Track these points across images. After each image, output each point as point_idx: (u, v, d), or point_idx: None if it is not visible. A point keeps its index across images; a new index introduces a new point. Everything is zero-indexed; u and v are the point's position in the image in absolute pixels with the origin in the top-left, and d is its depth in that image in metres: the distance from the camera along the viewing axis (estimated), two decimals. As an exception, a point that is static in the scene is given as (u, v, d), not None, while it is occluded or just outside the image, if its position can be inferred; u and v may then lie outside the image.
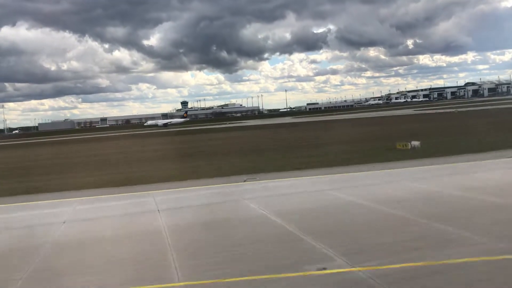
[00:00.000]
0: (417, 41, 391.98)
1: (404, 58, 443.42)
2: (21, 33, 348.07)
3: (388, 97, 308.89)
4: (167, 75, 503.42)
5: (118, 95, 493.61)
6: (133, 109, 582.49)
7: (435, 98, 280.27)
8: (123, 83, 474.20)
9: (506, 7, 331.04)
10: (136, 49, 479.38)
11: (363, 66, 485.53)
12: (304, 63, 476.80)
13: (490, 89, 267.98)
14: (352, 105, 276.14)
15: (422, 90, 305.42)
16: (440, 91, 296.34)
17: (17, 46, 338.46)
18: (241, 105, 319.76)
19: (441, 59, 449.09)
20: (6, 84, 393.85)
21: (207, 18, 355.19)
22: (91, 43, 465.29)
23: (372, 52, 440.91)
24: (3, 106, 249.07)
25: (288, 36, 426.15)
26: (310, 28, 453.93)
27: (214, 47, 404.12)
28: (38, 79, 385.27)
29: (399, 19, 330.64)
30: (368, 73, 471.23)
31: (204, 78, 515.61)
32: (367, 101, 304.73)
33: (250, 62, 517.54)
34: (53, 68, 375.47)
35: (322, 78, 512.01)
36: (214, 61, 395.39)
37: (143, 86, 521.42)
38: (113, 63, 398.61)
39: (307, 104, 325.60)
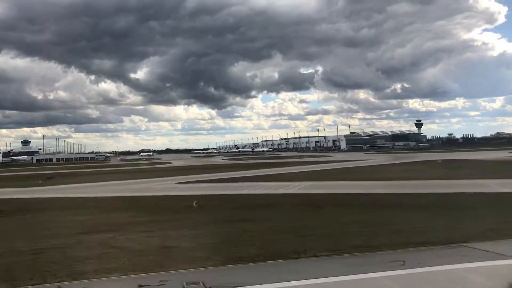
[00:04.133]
0: (405, 85, 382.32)
1: (394, 101, 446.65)
2: (6, 62, 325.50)
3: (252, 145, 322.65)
4: (159, 109, 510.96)
5: (111, 126, 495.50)
6: (128, 140, 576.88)
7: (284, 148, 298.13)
8: (114, 115, 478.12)
9: (493, 56, 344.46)
10: (123, 82, 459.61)
11: (354, 107, 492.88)
12: (294, 102, 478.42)
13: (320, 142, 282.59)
14: (93, 158, 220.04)
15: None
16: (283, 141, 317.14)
17: (4, 74, 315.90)
18: (39, 149, 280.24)
19: (430, 104, 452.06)
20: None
21: (193, 54, 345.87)
22: (77, 74, 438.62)
23: (362, 94, 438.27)
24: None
25: (276, 75, 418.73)
26: (297, 69, 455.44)
27: (201, 83, 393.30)
28: (27, 107, 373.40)
29: (385, 63, 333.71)
30: (360, 115, 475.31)
31: (196, 112, 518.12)
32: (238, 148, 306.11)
33: (238, 99, 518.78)
34: (40, 97, 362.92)
35: (315, 117, 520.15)
36: (202, 96, 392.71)
37: (135, 118, 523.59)
38: (100, 94, 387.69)
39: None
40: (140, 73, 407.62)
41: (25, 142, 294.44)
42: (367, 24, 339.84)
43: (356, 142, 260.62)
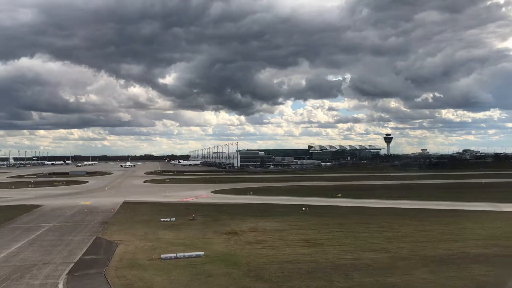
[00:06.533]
0: (437, 95, 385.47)
1: (426, 111, 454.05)
2: (40, 65, 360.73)
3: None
4: (189, 113, 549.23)
5: (143, 129, 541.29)
6: (162, 144, 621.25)
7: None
8: (146, 118, 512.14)
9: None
10: (151, 87, 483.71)
11: (385, 116, 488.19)
12: (324, 109, 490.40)
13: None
14: None
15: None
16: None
17: (38, 77, 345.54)
18: None
19: (465, 115, 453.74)
20: (33, 113, 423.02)
21: (219, 60, 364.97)
22: (107, 78, 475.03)
23: (393, 103, 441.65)
24: None
25: (303, 82, 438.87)
26: (325, 76, 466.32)
27: (228, 89, 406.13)
28: (60, 109, 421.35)
29: (415, 72, 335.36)
30: (392, 124, 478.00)
31: (226, 118, 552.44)
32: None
33: (265, 105, 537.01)
34: (72, 100, 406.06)
35: (345, 125, 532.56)
36: (229, 102, 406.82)
37: (167, 122, 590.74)
38: (130, 98, 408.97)
39: None
40: (169, 79, 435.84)
41: None
42: (394, 33, 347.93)
43: (251, 160, 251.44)
